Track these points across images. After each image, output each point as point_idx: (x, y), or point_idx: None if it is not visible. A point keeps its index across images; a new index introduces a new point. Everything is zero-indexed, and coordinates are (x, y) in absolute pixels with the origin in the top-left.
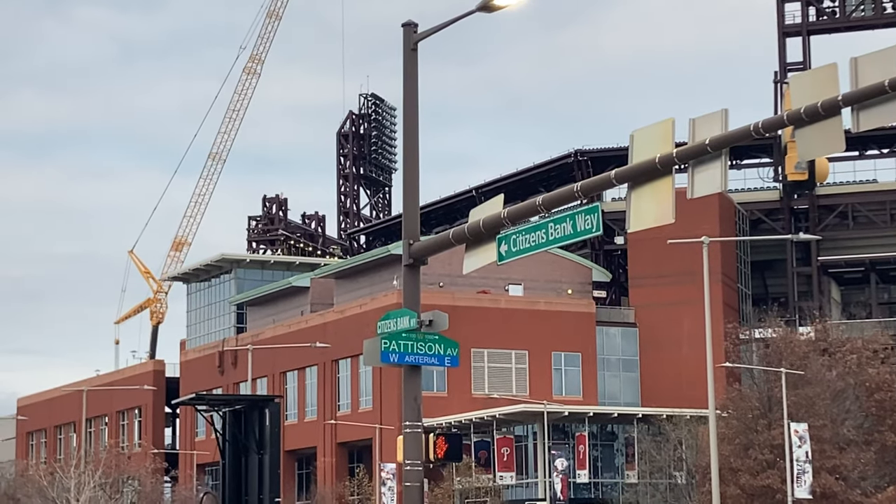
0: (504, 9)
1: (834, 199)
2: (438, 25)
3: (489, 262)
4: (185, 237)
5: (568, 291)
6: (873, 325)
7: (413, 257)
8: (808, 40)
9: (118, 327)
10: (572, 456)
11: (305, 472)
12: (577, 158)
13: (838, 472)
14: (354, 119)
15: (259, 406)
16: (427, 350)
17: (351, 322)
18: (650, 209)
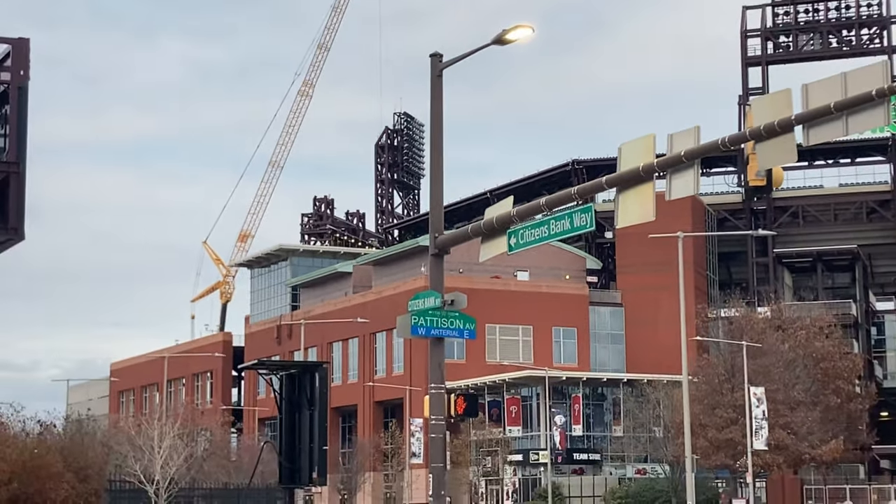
0: (515, 42)
1: (787, 202)
2: (459, 56)
3: (501, 252)
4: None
5: (566, 277)
6: (820, 307)
7: (438, 248)
8: (767, 69)
9: (194, 305)
10: (569, 413)
11: (348, 425)
12: (574, 167)
13: (790, 428)
14: (389, 133)
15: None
16: (449, 325)
17: (386, 301)
18: (635, 209)
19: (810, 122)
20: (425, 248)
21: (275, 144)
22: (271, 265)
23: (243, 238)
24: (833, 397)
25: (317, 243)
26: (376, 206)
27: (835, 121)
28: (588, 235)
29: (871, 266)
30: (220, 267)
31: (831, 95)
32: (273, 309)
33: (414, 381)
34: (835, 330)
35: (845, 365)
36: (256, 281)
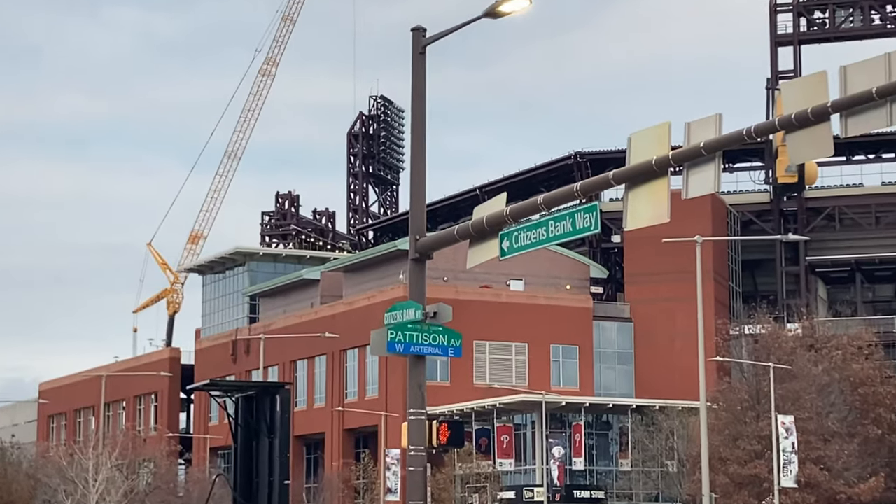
0: (510, 15)
1: (822, 202)
2: (446, 30)
3: (491, 258)
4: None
5: (566, 287)
6: (858, 323)
7: (419, 252)
8: (800, 49)
9: (136, 316)
10: (569, 444)
11: (314, 456)
12: (576, 160)
13: (823, 463)
14: (364, 120)
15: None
16: (431, 341)
17: (359, 314)
18: (646, 209)
19: (849, 111)
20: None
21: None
22: (226, 271)
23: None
24: (873, 428)
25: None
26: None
27: (877, 109)
28: (592, 239)
29: None
30: (168, 272)
31: (873, 79)
32: (228, 321)
33: (390, 405)
34: (876, 350)
35: (887, 391)
36: (209, 289)
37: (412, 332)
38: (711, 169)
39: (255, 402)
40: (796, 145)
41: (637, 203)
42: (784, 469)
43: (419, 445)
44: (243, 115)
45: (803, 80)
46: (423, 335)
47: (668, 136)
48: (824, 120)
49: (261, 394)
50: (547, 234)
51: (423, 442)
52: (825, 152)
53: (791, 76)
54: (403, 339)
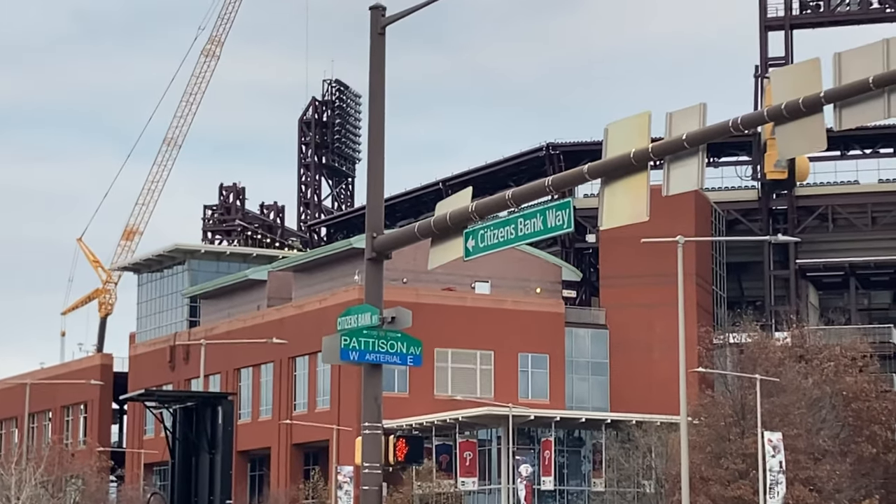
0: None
1: (814, 200)
2: (408, 9)
3: (455, 258)
4: (137, 225)
5: (536, 290)
6: (852, 332)
7: (376, 251)
8: (791, 34)
9: (64, 318)
10: (537, 462)
11: (258, 473)
12: (548, 152)
13: (813, 484)
14: (317, 106)
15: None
16: (389, 348)
17: (309, 318)
18: (624, 206)
19: (843, 101)
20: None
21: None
22: (164, 270)
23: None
24: (867, 446)
25: (223, 243)
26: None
27: (874, 99)
28: (565, 238)
29: None
30: (100, 271)
31: (870, 68)
32: (165, 325)
33: (343, 418)
34: (871, 362)
35: (883, 406)
36: (145, 289)
37: (368, 339)
38: (695, 163)
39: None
40: (786, 138)
41: (614, 200)
42: (771, 490)
43: (374, 462)
44: (184, 99)
45: (794, 68)
46: (380, 342)
47: (647, 128)
48: (817, 111)
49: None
50: (516, 233)
51: (379, 458)
52: (817, 146)
53: (782, 63)
54: (358, 347)
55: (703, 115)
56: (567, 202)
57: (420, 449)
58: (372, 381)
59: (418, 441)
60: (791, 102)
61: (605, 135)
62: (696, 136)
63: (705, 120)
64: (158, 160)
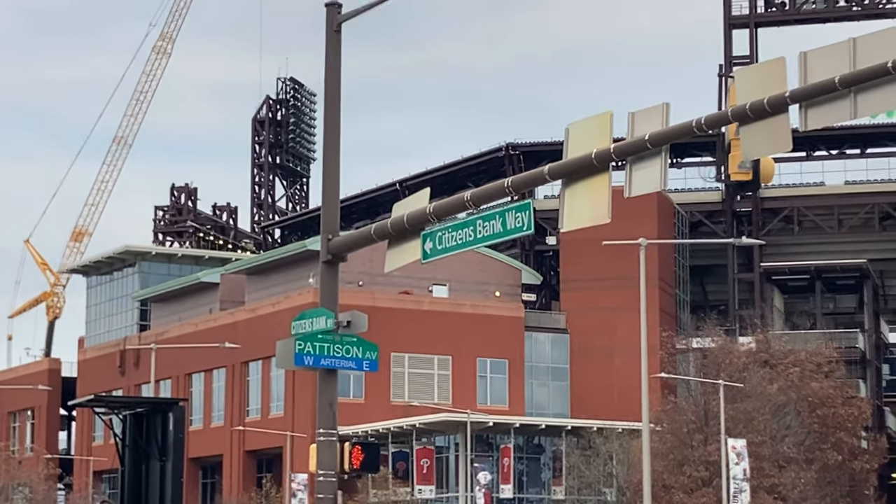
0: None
1: (778, 202)
2: (364, 6)
3: (413, 261)
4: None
5: (495, 294)
6: (817, 337)
7: (331, 253)
8: (756, 32)
9: (11, 322)
10: (496, 469)
11: (210, 481)
12: (508, 152)
13: (777, 492)
14: (271, 104)
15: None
16: (344, 353)
17: (263, 322)
18: (585, 208)
19: (809, 101)
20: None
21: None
22: (114, 272)
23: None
24: (833, 453)
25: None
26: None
27: (840, 99)
28: (525, 241)
29: (883, 287)
30: (47, 274)
31: (836, 67)
32: (115, 329)
33: (297, 425)
34: (836, 367)
35: (849, 412)
36: (94, 292)
37: (323, 344)
38: (657, 164)
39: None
40: (751, 139)
41: (575, 201)
42: (734, 498)
43: (329, 470)
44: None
45: (759, 67)
46: (335, 347)
47: (609, 127)
48: (782, 111)
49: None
50: (474, 235)
51: (334, 466)
52: (783, 147)
53: (746, 62)
54: (313, 351)
55: (666, 114)
56: (527, 204)
57: (376, 456)
58: (327, 386)
59: (374, 448)
60: (756, 102)
61: (566, 135)
62: (658, 136)
63: (668, 120)
64: (108, 160)
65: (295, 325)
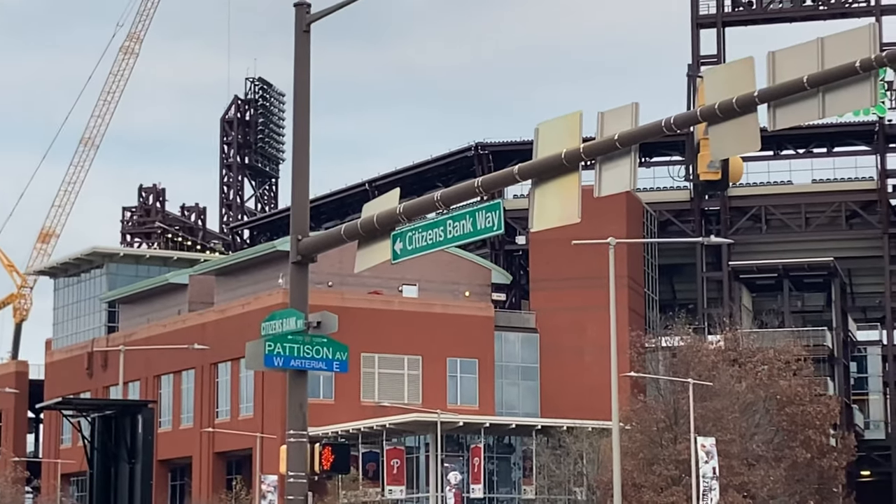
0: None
1: (747, 201)
2: (333, 6)
3: (383, 261)
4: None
5: (465, 294)
6: (785, 335)
7: (301, 254)
8: (724, 32)
9: None
10: (466, 469)
11: (179, 483)
12: (477, 152)
13: (746, 490)
14: (240, 105)
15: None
16: (314, 354)
17: (232, 323)
18: (555, 208)
19: (777, 101)
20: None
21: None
22: (82, 274)
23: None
24: (802, 451)
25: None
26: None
27: (808, 99)
28: (495, 241)
29: (850, 285)
30: (14, 275)
31: (804, 67)
32: (83, 331)
33: (267, 426)
34: (805, 365)
35: (817, 410)
36: (62, 294)
37: (292, 344)
38: (627, 164)
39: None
40: (720, 139)
41: (545, 201)
42: (704, 497)
43: (299, 471)
44: (102, 97)
45: (728, 67)
46: (305, 347)
47: (579, 127)
48: (751, 111)
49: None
50: (444, 235)
51: (304, 467)
52: (751, 146)
53: (714, 61)
54: (282, 352)
55: (636, 114)
56: (497, 203)
57: (346, 457)
58: (297, 387)
59: (344, 449)
60: (724, 102)
61: (536, 135)
62: (628, 136)
63: (637, 120)
64: (75, 160)
65: (265, 326)
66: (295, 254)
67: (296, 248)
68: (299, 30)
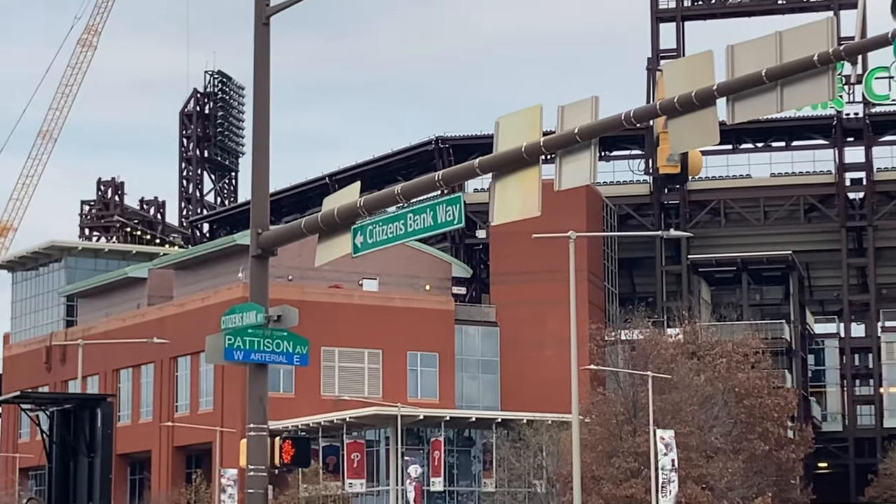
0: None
1: (706, 195)
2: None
3: (343, 255)
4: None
5: (426, 287)
6: (744, 328)
7: (261, 248)
8: (683, 26)
9: None
10: (427, 463)
11: (139, 477)
12: (438, 146)
13: (705, 482)
14: (199, 98)
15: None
16: (274, 347)
17: (192, 316)
18: (515, 201)
19: (736, 95)
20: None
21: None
22: (40, 267)
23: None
24: (760, 443)
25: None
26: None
27: (767, 93)
28: (455, 234)
29: (808, 278)
30: None
31: (763, 61)
32: (41, 325)
33: (227, 420)
34: (763, 358)
35: (775, 402)
36: (20, 288)
37: (253, 338)
38: (587, 157)
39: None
40: (679, 132)
41: (505, 194)
42: (663, 489)
43: (259, 465)
44: (60, 90)
45: (687, 61)
46: (266, 341)
47: (539, 121)
48: (709, 104)
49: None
50: (405, 229)
51: (265, 461)
52: (710, 140)
53: (674, 55)
54: (243, 346)
55: (596, 108)
56: (458, 197)
57: (307, 451)
58: (257, 381)
59: (305, 443)
60: (684, 96)
61: (497, 128)
62: (588, 129)
63: (597, 113)
64: (33, 153)
65: (224, 320)
66: (255, 247)
67: (256, 241)
68: (259, 23)
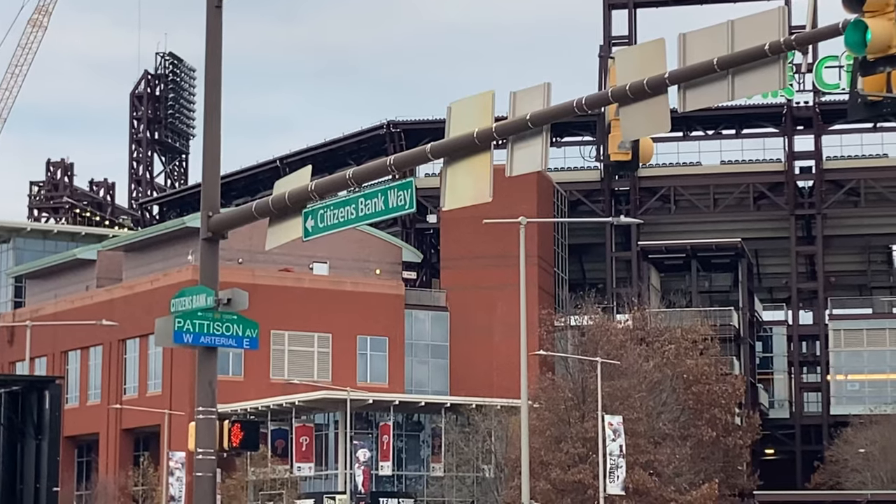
0: None
1: (656, 182)
2: None
3: (294, 238)
4: None
5: (376, 272)
6: (693, 315)
7: (211, 231)
8: (635, 13)
9: None
10: (375, 447)
11: (86, 459)
12: (389, 130)
13: (652, 468)
14: (150, 79)
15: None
16: (224, 330)
17: (141, 299)
18: (467, 186)
19: (688, 83)
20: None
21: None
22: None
23: None
24: (707, 430)
25: (50, 221)
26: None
27: (718, 81)
28: (406, 219)
29: (757, 265)
30: None
31: (714, 49)
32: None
33: (175, 403)
34: (711, 345)
35: (723, 389)
36: None
37: (202, 321)
38: (538, 144)
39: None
40: (630, 119)
41: (457, 180)
42: (611, 474)
43: (208, 448)
44: (10, 70)
45: (639, 48)
46: (215, 324)
47: (491, 107)
48: (661, 92)
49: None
50: (356, 213)
51: (213, 444)
52: (661, 128)
53: (626, 42)
54: (192, 329)
55: (548, 94)
56: (409, 182)
57: (255, 434)
58: (207, 364)
59: (253, 426)
60: (635, 83)
61: (448, 114)
62: (539, 116)
63: (549, 100)
64: None
65: (174, 303)
66: (205, 230)
67: (206, 224)
68: (211, 5)
